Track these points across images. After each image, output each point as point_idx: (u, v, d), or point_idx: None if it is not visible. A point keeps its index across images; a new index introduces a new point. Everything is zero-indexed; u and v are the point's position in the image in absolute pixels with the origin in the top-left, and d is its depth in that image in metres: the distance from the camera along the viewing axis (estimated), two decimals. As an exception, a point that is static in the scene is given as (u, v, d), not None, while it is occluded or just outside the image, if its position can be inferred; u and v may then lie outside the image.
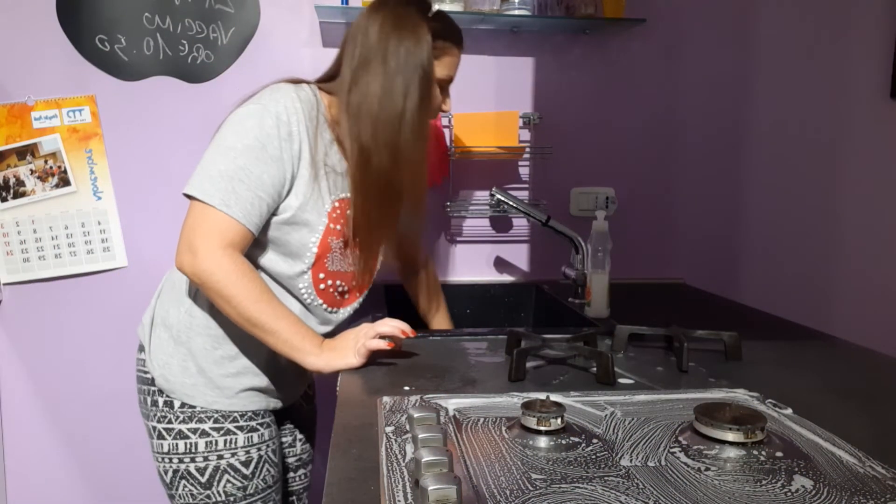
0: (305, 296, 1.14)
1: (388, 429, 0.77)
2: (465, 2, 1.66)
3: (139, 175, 1.72)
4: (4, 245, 1.70)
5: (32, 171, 1.68)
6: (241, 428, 1.12)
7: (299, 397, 1.32)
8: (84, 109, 1.68)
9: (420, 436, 0.68)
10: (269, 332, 1.01)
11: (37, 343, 1.75)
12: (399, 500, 0.60)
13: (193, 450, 1.09)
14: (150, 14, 1.66)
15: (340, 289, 1.18)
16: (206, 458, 1.09)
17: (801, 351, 1.16)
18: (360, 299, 1.25)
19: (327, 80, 1.16)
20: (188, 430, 1.10)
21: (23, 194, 1.68)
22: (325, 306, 1.18)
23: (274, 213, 1.08)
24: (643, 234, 1.91)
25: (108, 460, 1.81)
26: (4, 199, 1.68)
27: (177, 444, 1.10)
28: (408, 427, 0.76)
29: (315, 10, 1.61)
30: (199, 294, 1.12)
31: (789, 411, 0.84)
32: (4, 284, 1.71)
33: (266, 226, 1.08)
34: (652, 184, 1.90)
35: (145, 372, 1.15)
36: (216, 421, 1.10)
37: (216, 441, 1.10)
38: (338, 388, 0.95)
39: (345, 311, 1.23)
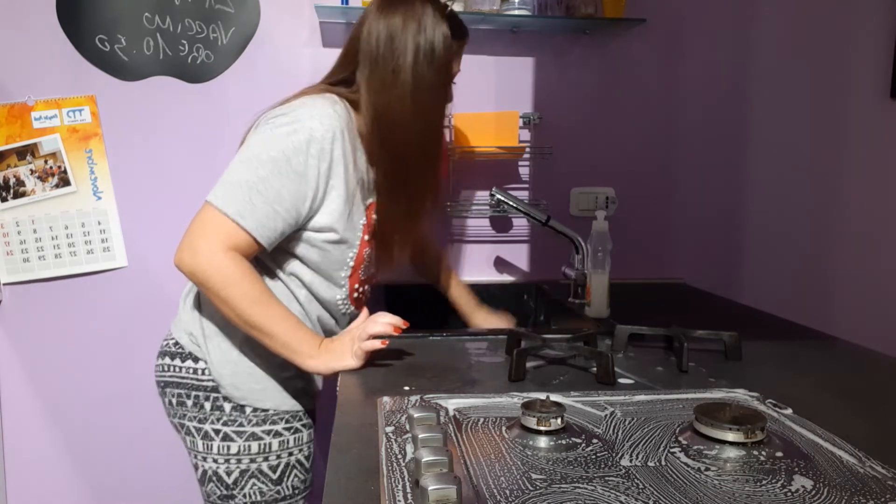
0: (341, 307, 1.18)
1: (388, 429, 0.77)
2: (465, 2, 1.66)
3: (139, 175, 1.72)
4: (4, 245, 1.70)
5: (32, 171, 1.68)
6: (304, 425, 1.18)
7: None
8: (84, 109, 1.68)
9: (420, 436, 0.68)
10: (267, 334, 1.01)
11: (37, 343, 1.75)
12: (399, 500, 0.60)
13: (267, 449, 1.13)
14: (150, 14, 1.66)
15: (364, 291, 1.23)
16: (278, 457, 1.14)
17: (801, 351, 1.16)
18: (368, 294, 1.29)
19: (340, 85, 1.14)
20: (262, 431, 1.13)
21: (23, 194, 1.68)
22: (353, 310, 1.22)
23: (303, 229, 1.08)
24: (643, 234, 1.91)
25: (108, 460, 1.81)
26: (4, 199, 1.68)
27: (249, 446, 1.12)
28: (408, 427, 0.76)
29: (315, 10, 1.61)
30: None
31: (789, 411, 0.84)
32: (4, 284, 1.71)
33: (300, 241, 1.09)
34: (652, 184, 1.90)
35: (199, 380, 1.14)
36: (287, 421, 1.15)
37: (288, 440, 1.15)
38: (338, 389, 0.95)
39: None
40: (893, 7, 1.74)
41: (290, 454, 1.15)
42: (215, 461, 1.13)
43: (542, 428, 0.73)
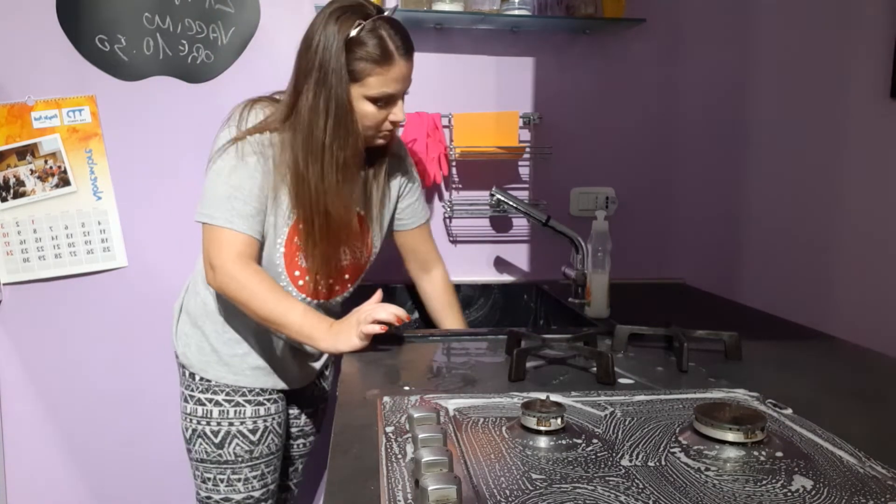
0: (290, 291, 1.23)
1: (388, 429, 0.77)
2: (465, 2, 1.66)
3: (139, 175, 1.72)
4: (4, 245, 1.70)
5: (32, 171, 1.68)
6: (249, 401, 1.27)
7: (315, 378, 1.43)
8: (84, 109, 1.68)
9: (420, 436, 0.68)
10: (281, 325, 1.12)
11: (37, 343, 1.75)
12: (399, 500, 0.60)
13: (209, 415, 1.25)
14: (150, 14, 1.66)
15: (326, 282, 1.26)
16: (218, 424, 1.25)
17: (801, 351, 1.16)
18: (350, 290, 1.34)
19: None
20: (205, 398, 1.26)
21: (23, 194, 1.68)
22: (309, 300, 1.25)
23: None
24: (643, 234, 1.90)
25: (107, 460, 1.81)
26: (4, 199, 1.68)
27: (196, 409, 1.26)
28: (408, 427, 0.76)
29: (315, 10, 1.61)
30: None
31: (789, 411, 0.84)
32: (4, 284, 1.71)
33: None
34: (652, 184, 1.90)
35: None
36: (228, 394, 1.26)
37: (227, 410, 1.26)
38: (338, 389, 0.95)
39: (335, 301, 1.32)
40: (893, 7, 1.75)
41: (231, 424, 1.25)
42: (182, 417, 1.30)
43: (542, 428, 0.73)
